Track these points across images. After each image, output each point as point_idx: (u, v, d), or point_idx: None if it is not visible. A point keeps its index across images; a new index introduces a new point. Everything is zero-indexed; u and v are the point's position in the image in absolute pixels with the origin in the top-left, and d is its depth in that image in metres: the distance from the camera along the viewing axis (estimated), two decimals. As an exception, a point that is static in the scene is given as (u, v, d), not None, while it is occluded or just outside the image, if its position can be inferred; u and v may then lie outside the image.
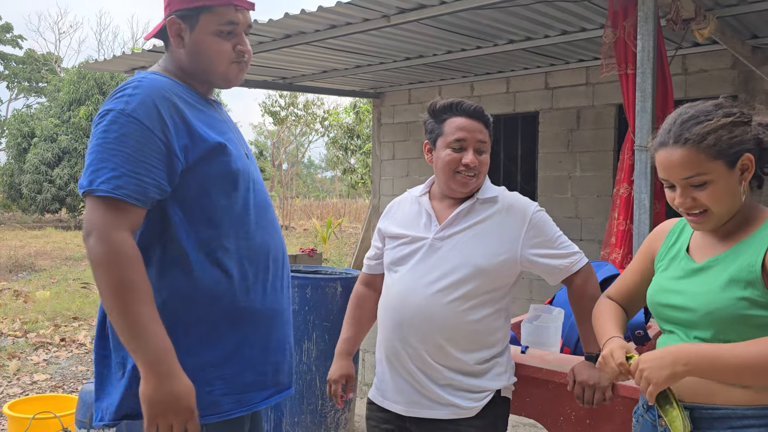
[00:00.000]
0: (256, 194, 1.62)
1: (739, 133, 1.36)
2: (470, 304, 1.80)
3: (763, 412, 1.33)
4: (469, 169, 1.85)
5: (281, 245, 1.69)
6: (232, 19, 1.57)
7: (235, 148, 1.59)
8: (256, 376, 1.56)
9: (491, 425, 1.83)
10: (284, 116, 24.33)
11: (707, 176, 1.35)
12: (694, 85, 5.90)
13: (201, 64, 1.59)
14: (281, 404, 3.57)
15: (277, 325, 1.63)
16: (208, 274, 1.49)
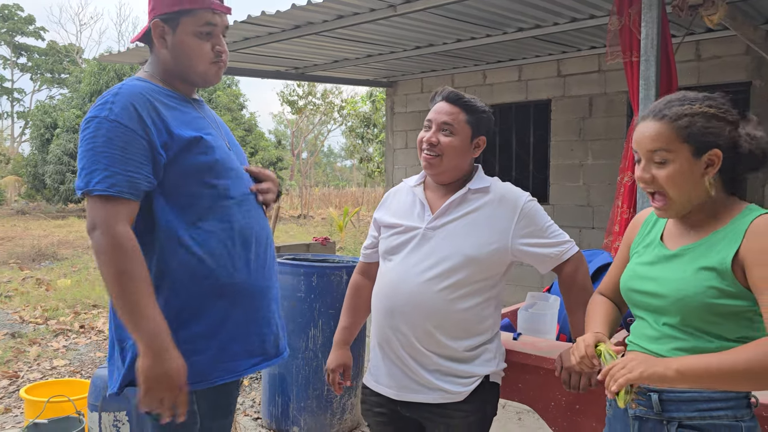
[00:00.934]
0: (237, 182, 1.74)
1: (715, 127, 1.38)
2: (460, 293, 1.84)
3: (727, 396, 1.36)
4: (430, 148, 1.89)
5: (264, 229, 1.81)
6: (210, 21, 1.72)
7: (215, 140, 1.72)
8: (243, 346, 1.70)
9: (479, 409, 1.88)
10: (302, 105, 24.42)
11: (670, 155, 1.38)
12: (707, 72, 5.83)
13: (182, 63, 1.73)
14: (288, 390, 3.66)
15: (261, 300, 1.76)
16: (192, 255, 1.62)
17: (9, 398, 4.38)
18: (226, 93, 22.16)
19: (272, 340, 1.80)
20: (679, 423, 1.39)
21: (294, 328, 3.63)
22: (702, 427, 1.37)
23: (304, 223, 19.61)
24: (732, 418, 1.36)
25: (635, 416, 1.48)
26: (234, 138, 1.92)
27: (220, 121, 1.90)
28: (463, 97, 1.92)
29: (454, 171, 1.93)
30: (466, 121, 1.91)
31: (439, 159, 1.90)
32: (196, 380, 1.61)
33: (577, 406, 2.03)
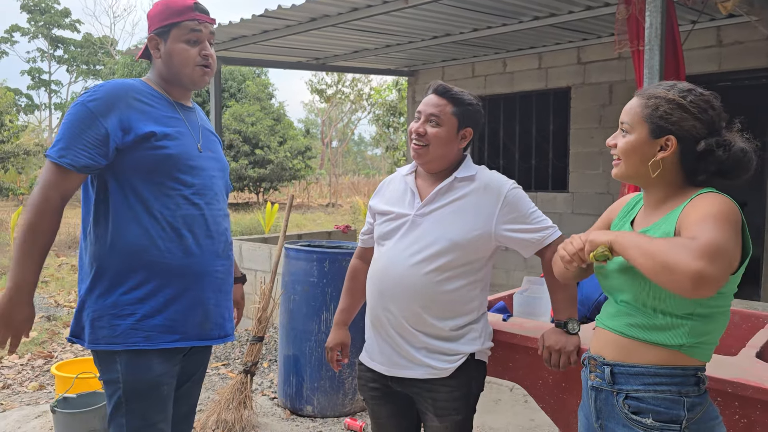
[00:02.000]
0: (196, 178, 2.00)
1: (677, 116, 1.46)
2: (446, 276, 1.95)
3: (673, 372, 1.45)
4: (417, 138, 2.01)
5: (220, 224, 2.08)
6: (194, 28, 1.99)
7: (178, 137, 1.98)
8: (165, 321, 1.93)
9: (464, 385, 1.99)
10: (331, 94, 24.55)
11: (631, 128, 1.52)
12: (729, 57, 5.77)
13: (173, 68, 2.01)
14: (302, 370, 3.81)
15: (194, 284, 1.98)
16: (131, 232, 1.90)
17: (43, 376, 4.64)
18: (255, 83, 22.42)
19: (199, 323, 2.00)
20: (626, 395, 1.49)
21: (307, 312, 3.78)
22: (645, 399, 1.46)
23: (332, 212, 19.82)
24: (676, 393, 1.44)
25: (592, 387, 1.58)
26: (218, 146, 2.20)
27: (206, 128, 2.17)
28: (451, 90, 2.01)
29: (441, 160, 2.03)
30: (452, 113, 2.00)
31: (426, 149, 2.00)
32: (114, 342, 1.89)
33: (563, 384, 2.12)
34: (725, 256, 1.29)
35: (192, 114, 2.11)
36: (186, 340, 1.98)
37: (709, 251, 1.26)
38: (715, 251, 1.27)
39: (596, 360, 1.57)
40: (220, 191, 2.11)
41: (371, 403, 2.16)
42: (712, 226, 1.32)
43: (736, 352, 1.99)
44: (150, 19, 2.04)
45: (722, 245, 1.29)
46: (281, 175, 20.24)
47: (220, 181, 2.12)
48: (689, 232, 1.35)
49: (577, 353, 1.95)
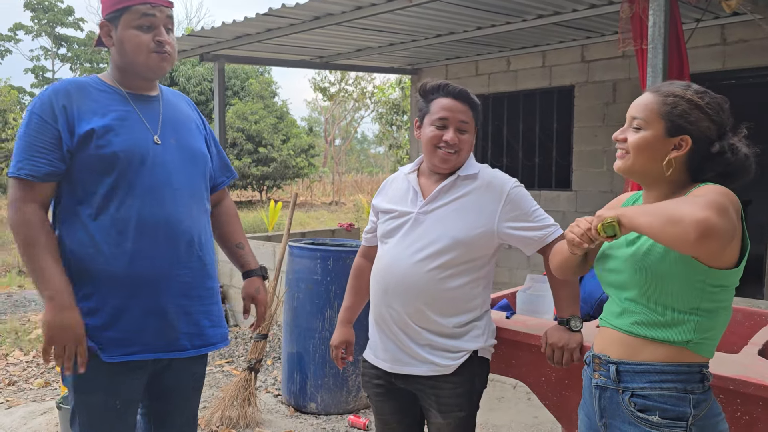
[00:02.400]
0: (149, 175, 1.86)
1: (695, 117, 1.47)
2: (449, 273, 1.96)
3: (679, 369, 1.46)
4: (449, 146, 1.99)
5: (182, 222, 1.91)
6: (146, 12, 1.84)
7: (127, 133, 1.85)
8: (117, 333, 1.82)
9: (468, 382, 2.00)
10: (334, 92, 24.56)
11: (646, 125, 1.50)
12: (733, 56, 5.76)
13: (126, 56, 1.87)
14: (306, 368, 3.83)
15: (149, 290, 1.85)
16: (77, 238, 1.81)
17: (48, 373, 4.67)
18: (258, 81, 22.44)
19: (160, 333, 1.87)
20: (632, 393, 1.50)
21: (311, 309, 3.80)
22: (652, 397, 1.47)
23: (336, 210, 19.84)
24: (681, 390, 1.45)
25: (596, 386, 1.59)
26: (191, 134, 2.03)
27: (176, 116, 2.01)
28: (471, 95, 2.04)
29: (462, 163, 2.06)
30: (473, 117, 2.04)
31: (456, 155, 2.01)
32: None
33: (566, 381, 2.13)
34: (729, 216, 1.30)
35: (153, 103, 1.97)
36: (145, 353, 1.85)
37: (715, 205, 1.28)
38: (720, 207, 1.29)
39: (601, 359, 1.58)
40: (184, 186, 1.94)
41: (375, 400, 2.17)
42: (714, 195, 1.34)
43: (738, 350, 2.00)
44: (101, 4, 1.90)
45: (726, 207, 1.31)
46: (284, 173, 20.27)
47: (182, 175, 1.94)
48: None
49: (580, 350, 1.96)
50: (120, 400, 1.87)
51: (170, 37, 1.91)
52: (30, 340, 5.35)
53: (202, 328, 1.98)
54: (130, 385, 1.88)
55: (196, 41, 5.94)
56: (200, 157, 2.03)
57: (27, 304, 6.66)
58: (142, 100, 1.94)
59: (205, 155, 2.06)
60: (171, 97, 2.07)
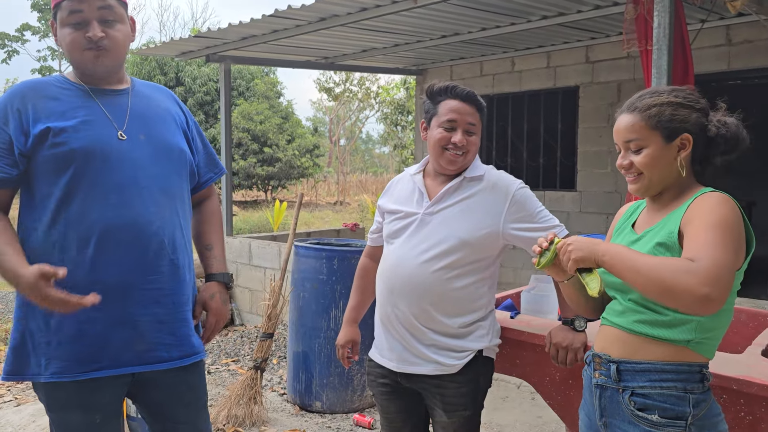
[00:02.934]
0: (112, 173, 1.73)
1: (683, 114, 1.51)
2: (454, 273, 1.98)
3: (679, 368, 1.47)
4: (457, 148, 2.01)
5: (144, 223, 1.76)
6: (74, 9, 1.72)
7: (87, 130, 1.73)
8: (82, 348, 1.69)
9: (472, 381, 2.02)
10: (339, 92, 24.58)
11: (644, 142, 1.52)
12: (738, 56, 5.76)
13: (66, 55, 1.78)
14: (311, 367, 3.85)
15: (111, 300, 1.69)
16: (35, 246, 1.71)
17: (56, 372, 4.69)
18: (263, 81, 22.49)
19: (128, 345, 1.74)
20: (632, 392, 1.51)
21: (316, 309, 3.82)
22: (651, 396, 1.48)
23: (340, 210, 19.87)
24: (681, 390, 1.47)
25: (597, 384, 1.61)
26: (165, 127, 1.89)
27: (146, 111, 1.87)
28: (478, 97, 2.06)
29: (469, 165, 2.07)
30: (480, 119, 2.06)
31: (464, 157, 2.03)
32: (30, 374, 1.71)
33: (570, 381, 2.15)
34: (729, 274, 1.34)
35: (120, 97, 1.84)
36: (112, 368, 1.72)
37: (714, 275, 1.30)
38: (719, 273, 1.31)
39: (601, 357, 1.60)
40: (154, 184, 1.79)
41: (380, 399, 2.19)
42: (713, 242, 1.35)
43: (742, 350, 2.01)
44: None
45: (726, 264, 1.33)
46: (289, 173, 20.31)
47: (152, 172, 1.80)
48: (691, 246, 1.38)
49: (584, 350, 1.97)
50: (99, 415, 1.76)
51: (111, 29, 1.76)
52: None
53: (182, 338, 1.83)
54: (108, 400, 1.76)
55: (203, 42, 5.97)
56: (176, 152, 1.88)
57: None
58: (106, 94, 1.81)
59: (182, 150, 1.91)
60: (144, 90, 1.92)
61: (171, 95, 2.04)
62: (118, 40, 1.78)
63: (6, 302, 6.67)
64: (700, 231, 1.39)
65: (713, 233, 1.37)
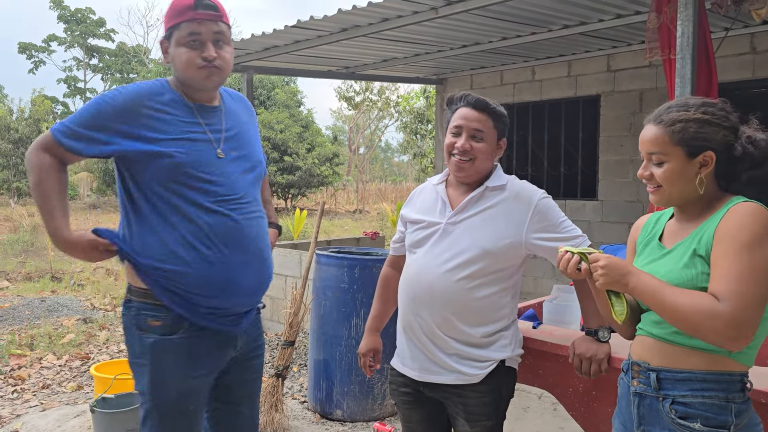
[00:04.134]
0: (215, 188, 1.94)
1: (708, 132, 1.50)
2: (477, 283, 1.99)
3: (720, 377, 1.46)
4: (461, 153, 2.02)
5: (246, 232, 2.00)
6: (194, 30, 1.90)
7: (192, 146, 1.92)
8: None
9: (494, 391, 2.02)
10: (359, 101, 24.70)
11: (666, 157, 1.52)
12: (763, 64, 5.69)
13: (178, 72, 1.95)
14: (332, 375, 3.86)
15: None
16: (154, 243, 1.93)
17: (81, 377, 4.77)
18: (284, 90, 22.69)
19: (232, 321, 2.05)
20: (673, 400, 1.50)
21: (337, 317, 3.84)
22: (694, 404, 1.47)
23: (360, 218, 19.91)
24: (723, 399, 1.45)
25: (635, 393, 1.59)
26: (250, 147, 2.09)
27: (236, 128, 2.06)
28: (490, 104, 2.05)
29: (482, 172, 2.08)
30: (493, 127, 2.05)
31: (470, 163, 2.03)
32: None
33: (593, 392, 2.13)
34: (758, 310, 1.36)
35: (216, 115, 2.03)
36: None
37: (740, 319, 1.34)
38: (745, 317, 1.34)
39: (640, 366, 1.58)
40: (246, 196, 2.01)
41: (402, 408, 2.20)
42: (741, 274, 1.36)
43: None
44: (162, 21, 1.99)
45: (754, 302, 1.36)
46: (309, 182, 20.44)
47: (243, 186, 2.02)
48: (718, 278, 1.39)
49: (608, 361, 1.96)
50: (193, 404, 1.95)
51: (222, 50, 1.95)
52: (63, 344, 5.47)
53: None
54: (201, 385, 1.98)
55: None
56: (258, 165, 2.11)
57: (60, 309, 6.82)
58: (205, 111, 2.00)
59: (261, 163, 2.14)
60: (231, 105, 2.11)
61: (245, 102, 2.23)
62: (227, 60, 1.98)
63: (32, 308, 6.79)
64: (728, 257, 1.39)
65: (741, 260, 1.37)
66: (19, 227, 14.44)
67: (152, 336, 1.90)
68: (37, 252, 11.49)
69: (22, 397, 4.32)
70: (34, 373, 4.84)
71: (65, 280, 8.78)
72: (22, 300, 7.17)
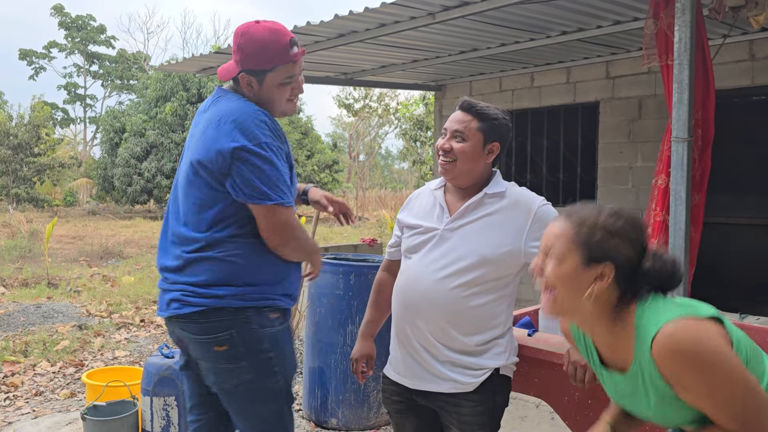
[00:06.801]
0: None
1: (614, 244, 1.40)
2: (473, 291, 1.95)
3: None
4: (444, 154, 2.02)
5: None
6: (293, 73, 2.06)
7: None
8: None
9: (489, 399, 1.98)
10: (359, 108, 24.73)
11: (564, 255, 1.42)
12: (761, 71, 5.67)
13: (265, 105, 2.06)
14: (327, 383, 3.82)
15: None
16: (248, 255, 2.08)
17: (75, 384, 4.73)
18: (284, 97, 22.71)
19: None
20: None
21: (332, 324, 3.80)
22: None
23: (359, 225, 19.88)
24: None
25: None
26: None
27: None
28: (476, 106, 2.03)
29: (469, 175, 2.04)
30: (477, 128, 2.01)
31: (453, 164, 2.01)
32: None
33: (589, 401, 2.10)
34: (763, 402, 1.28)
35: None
36: None
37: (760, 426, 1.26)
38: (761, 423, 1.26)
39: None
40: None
41: (396, 417, 2.16)
42: (734, 401, 1.27)
43: None
44: (242, 54, 2.00)
45: (763, 407, 1.27)
46: (309, 189, 20.40)
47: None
48: (719, 418, 1.30)
49: (604, 370, 1.93)
50: None
51: (301, 78, 2.14)
52: (57, 351, 5.43)
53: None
54: None
55: (224, 58, 6.04)
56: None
57: (55, 316, 6.78)
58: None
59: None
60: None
61: None
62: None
63: (27, 314, 6.75)
64: (709, 397, 1.28)
65: (724, 393, 1.27)
66: (17, 233, 14.41)
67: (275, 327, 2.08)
68: (34, 258, 11.46)
69: (14, 404, 4.27)
70: (28, 380, 4.80)
71: (62, 287, 8.74)
72: (17, 306, 7.12)
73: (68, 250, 13.13)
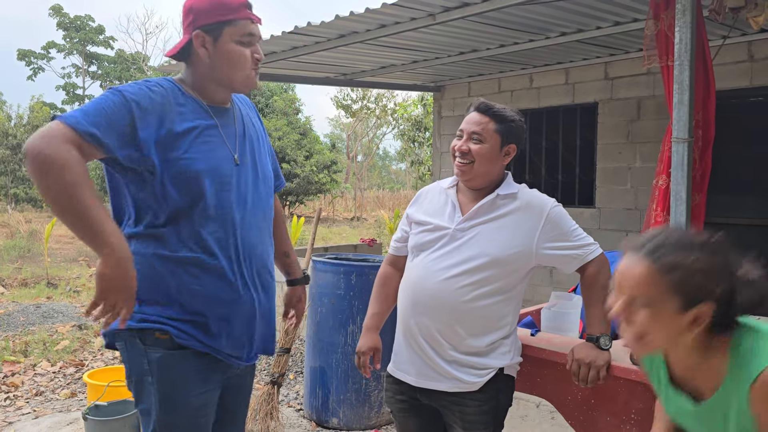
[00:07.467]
0: (229, 197, 1.82)
1: (712, 283, 1.31)
2: (481, 291, 1.96)
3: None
4: (461, 156, 2.01)
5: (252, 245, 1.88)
6: (251, 31, 1.84)
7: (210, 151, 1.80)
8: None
9: (493, 399, 1.99)
10: (357, 109, 24.73)
11: (654, 304, 1.31)
12: (760, 72, 5.69)
13: (223, 70, 1.83)
14: (328, 383, 3.83)
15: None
16: (160, 255, 1.82)
17: (75, 384, 4.73)
18: (282, 98, 22.71)
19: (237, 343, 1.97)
20: None
21: (333, 324, 3.81)
22: None
23: (357, 225, 19.89)
24: None
25: None
26: (262, 155, 1.99)
27: (249, 133, 1.96)
28: (493, 107, 2.04)
29: (485, 176, 2.05)
30: (495, 130, 2.03)
31: (470, 166, 2.02)
32: None
33: (592, 401, 2.11)
34: None
35: (230, 118, 1.92)
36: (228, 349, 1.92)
37: None
38: None
39: None
40: (258, 208, 1.92)
41: (399, 416, 2.17)
42: None
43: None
44: (194, 13, 1.80)
45: None
46: (307, 189, 20.44)
47: (255, 197, 1.92)
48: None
49: (607, 369, 1.94)
50: (204, 417, 1.84)
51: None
52: (57, 351, 5.43)
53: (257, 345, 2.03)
54: (212, 396, 1.86)
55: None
56: (269, 175, 2.01)
57: (55, 316, 6.77)
58: (221, 114, 1.88)
59: (271, 173, 2.05)
60: (242, 108, 2.00)
61: (252, 107, 2.12)
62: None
63: (27, 314, 6.75)
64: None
65: None
66: (16, 233, 14.39)
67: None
68: (33, 258, 11.45)
69: (14, 404, 4.27)
70: (28, 380, 4.80)
71: (61, 287, 8.74)
72: (17, 306, 7.11)
73: (67, 250, 13.12)
